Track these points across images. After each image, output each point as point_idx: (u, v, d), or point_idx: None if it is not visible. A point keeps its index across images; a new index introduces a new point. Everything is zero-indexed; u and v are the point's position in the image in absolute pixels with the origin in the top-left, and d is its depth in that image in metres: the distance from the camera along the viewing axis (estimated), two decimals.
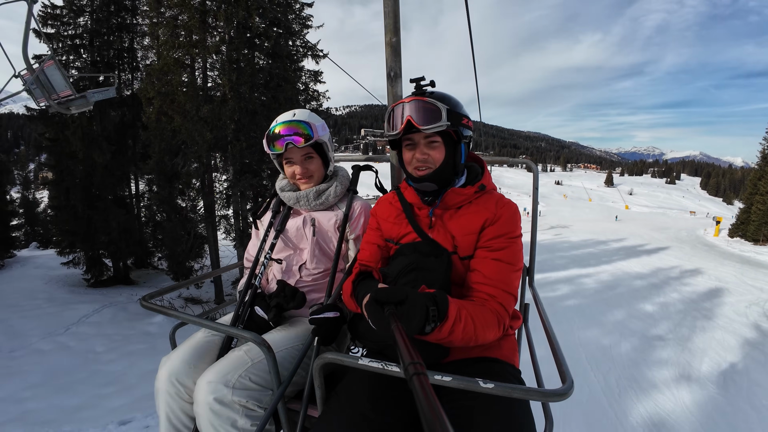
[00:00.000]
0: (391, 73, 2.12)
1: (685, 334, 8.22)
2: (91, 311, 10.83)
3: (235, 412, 1.16)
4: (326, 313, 1.26)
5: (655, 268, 16.34)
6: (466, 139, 1.29)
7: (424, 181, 1.28)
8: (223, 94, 8.69)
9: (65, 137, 12.90)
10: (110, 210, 13.05)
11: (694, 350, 7.39)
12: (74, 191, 13.15)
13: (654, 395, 5.62)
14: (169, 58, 9.53)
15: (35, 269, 16.42)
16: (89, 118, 12.86)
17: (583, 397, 5.37)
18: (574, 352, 6.84)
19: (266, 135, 1.55)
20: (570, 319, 8.74)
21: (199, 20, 8.57)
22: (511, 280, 1.18)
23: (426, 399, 0.48)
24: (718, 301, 11.28)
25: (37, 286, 13.79)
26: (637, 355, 6.93)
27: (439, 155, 1.25)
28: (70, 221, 13.22)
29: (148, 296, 1.42)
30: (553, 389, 0.81)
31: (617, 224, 40.11)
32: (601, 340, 7.59)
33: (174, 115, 9.53)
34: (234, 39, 8.74)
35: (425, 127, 1.20)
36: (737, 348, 7.69)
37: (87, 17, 13.92)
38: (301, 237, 1.64)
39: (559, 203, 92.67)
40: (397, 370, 0.88)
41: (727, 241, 28.86)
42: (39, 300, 12.09)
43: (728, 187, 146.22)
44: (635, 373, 6.23)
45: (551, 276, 13.65)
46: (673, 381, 6.09)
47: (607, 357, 6.80)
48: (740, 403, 5.65)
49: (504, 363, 1.22)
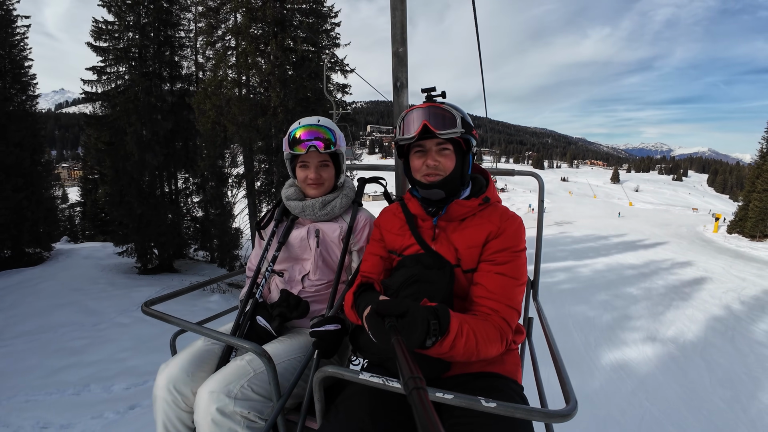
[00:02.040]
0: (398, 83, 2.12)
1: (660, 310, 9.84)
2: (153, 293, 12.58)
3: (237, 423, 1.17)
4: (327, 326, 1.26)
5: (649, 260, 17.70)
6: (474, 150, 1.31)
7: (433, 188, 1.29)
8: (273, 108, 10.37)
9: (121, 142, 14.65)
10: (161, 206, 14.82)
11: (664, 321, 9.01)
12: (128, 189, 14.90)
13: (623, 348, 7.30)
14: (223, 76, 11.26)
15: (84, 259, 18.13)
16: (142, 123, 14.60)
17: (567, 347, 7.02)
18: (564, 321, 8.50)
19: (288, 135, 1.56)
20: (563, 298, 10.41)
21: (254, 46, 10.26)
22: (515, 295, 1.18)
23: (425, 414, 0.47)
24: (698, 287, 12.72)
25: (94, 273, 15.52)
26: (615, 324, 8.60)
27: (449, 163, 1.27)
28: (125, 216, 14.97)
29: (150, 302, 1.42)
30: (556, 410, 0.81)
31: (620, 221, 41.39)
32: (587, 313, 9.28)
33: (227, 124, 11.24)
34: (283, 62, 10.43)
35: (441, 132, 1.22)
36: (703, 321, 9.27)
37: (136, 32, 15.57)
38: (305, 248, 1.65)
39: (564, 200, 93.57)
40: (397, 386, 0.88)
41: (725, 237, 29.99)
42: (102, 284, 13.83)
43: (735, 184, 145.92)
44: (611, 335, 7.91)
45: (551, 266, 15.23)
46: (640, 341, 7.75)
47: (590, 324, 8.48)
48: (693, 356, 7.27)
49: (507, 379, 1.22)
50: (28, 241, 15.15)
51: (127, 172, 14.66)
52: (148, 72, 15.21)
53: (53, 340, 9.37)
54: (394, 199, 1.64)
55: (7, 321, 10.21)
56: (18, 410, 6.26)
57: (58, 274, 14.67)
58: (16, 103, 14.79)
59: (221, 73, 11.37)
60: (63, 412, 6.19)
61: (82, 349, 8.76)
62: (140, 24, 15.43)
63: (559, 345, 1.17)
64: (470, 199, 1.31)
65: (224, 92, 11.27)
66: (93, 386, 7.01)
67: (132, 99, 14.49)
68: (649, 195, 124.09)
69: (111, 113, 14.62)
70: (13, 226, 14.15)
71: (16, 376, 7.38)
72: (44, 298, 12.06)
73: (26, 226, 14.71)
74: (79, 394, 6.85)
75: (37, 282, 13.38)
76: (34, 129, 15.35)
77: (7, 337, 9.29)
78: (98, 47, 15.19)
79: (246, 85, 11.17)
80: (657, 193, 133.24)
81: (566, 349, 6.90)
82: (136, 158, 14.44)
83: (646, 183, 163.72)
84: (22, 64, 15.18)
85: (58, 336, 9.65)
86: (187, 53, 16.56)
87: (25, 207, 14.51)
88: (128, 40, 15.33)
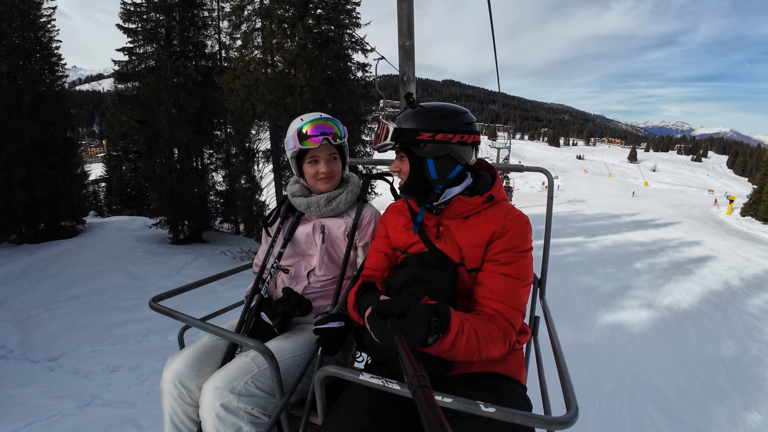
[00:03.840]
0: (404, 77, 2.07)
1: (660, 282, 10.53)
2: (190, 260, 13.66)
3: (240, 419, 1.21)
4: (331, 323, 1.27)
5: (658, 238, 18.11)
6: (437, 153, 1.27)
7: (401, 190, 1.39)
8: (300, 88, 11.02)
9: (152, 120, 15.46)
10: (192, 180, 15.75)
11: (662, 292, 9.72)
12: (161, 165, 15.80)
13: (619, 312, 8.09)
14: (251, 56, 11.90)
15: (118, 231, 19.24)
16: (172, 102, 15.36)
17: (568, 308, 7.81)
18: (568, 289, 9.27)
19: (297, 131, 1.56)
20: (569, 269, 11.16)
21: (281, 28, 10.85)
22: (519, 296, 1.18)
23: (431, 411, 0.48)
24: (702, 264, 13.27)
25: (130, 243, 16.58)
26: (615, 292, 9.36)
27: (405, 167, 1.32)
28: (158, 189, 15.93)
29: (157, 298, 1.44)
30: (557, 417, 0.82)
31: (634, 200, 41.42)
32: (591, 282, 10.04)
33: (256, 103, 11.94)
34: (307, 43, 11.02)
35: (377, 145, 1.35)
36: (699, 294, 9.93)
37: (162, 13, 16.07)
38: (311, 244, 1.67)
39: (578, 178, 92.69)
40: (397, 388, 0.89)
41: (737, 219, 29.96)
42: (140, 253, 14.92)
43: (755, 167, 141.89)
44: (610, 301, 8.69)
45: (560, 241, 15.88)
46: (637, 307, 8.52)
47: (592, 292, 9.25)
48: (684, 322, 8.01)
49: (509, 379, 1.21)
50: (63, 215, 15.99)
51: (159, 149, 15.55)
52: (175, 52, 15.83)
53: (105, 301, 10.11)
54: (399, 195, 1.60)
55: (58, 286, 10.88)
56: (85, 359, 6.91)
57: (96, 244, 15.57)
58: (47, 83, 15.52)
59: (248, 53, 12.00)
60: (129, 357, 6.94)
61: (134, 308, 9.63)
62: (166, 5, 15.95)
63: (561, 308, 1.46)
64: (474, 197, 1.31)
65: (252, 72, 11.92)
66: (152, 336, 7.93)
67: (162, 78, 15.20)
68: (666, 175, 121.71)
69: (142, 92, 15.36)
70: (50, 200, 14.99)
71: (78, 331, 8.03)
72: (89, 265, 12.78)
73: (62, 200, 15.55)
74: (140, 343, 7.65)
75: (78, 252, 14.23)
76: (64, 107, 16.03)
77: (61, 299, 9.96)
78: (127, 28, 15.80)
79: (273, 65, 11.80)
80: (674, 173, 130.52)
81: (568, 311, 7.70)
82: (167, 135, 15.28)
83: (664, 163, 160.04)
84: (49, 45, 15.77)
85: (109, 297, 10.46)
86: (211, 33, 17.11)
87: (60, 182, 15.33)
88: (155, 21, 15.87)
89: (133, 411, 5.21)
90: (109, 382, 6.25)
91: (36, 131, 14.36)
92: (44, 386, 6.01)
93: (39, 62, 15.43)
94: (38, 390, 5.89)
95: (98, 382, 6.21)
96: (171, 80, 15.28)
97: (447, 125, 1.26)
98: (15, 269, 12.22)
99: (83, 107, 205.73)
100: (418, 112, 1.29)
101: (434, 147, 1.27)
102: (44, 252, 13.76)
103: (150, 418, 4.97)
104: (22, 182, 13.88)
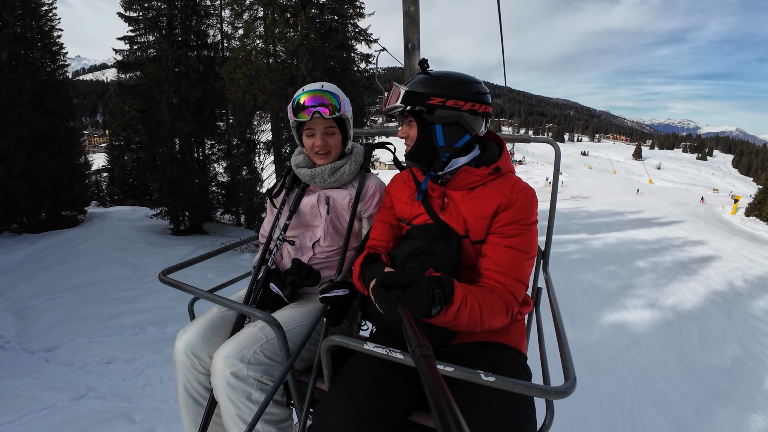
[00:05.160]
0: (409, 45, 2.00)
1: (664, 281, 10.39)
2: (189, 251, 13.61)
3: (250, 386, 1.25)
4: (336, 291, 1.30)
5: (661, 237, 17.89)
6: (446, 119, 1.25)
7: (406, 156, 1.37)
8: (302, 78, 10.85)
9: (153, 109, 15.33)
10: (192, 170, 15.66)
11: (666, 292, 9.59)
12: (162, 155, 15.71)
13: (622, 312, 7.98)
14: (253, 46, 11.72)
15: (119, 221, 19.21)
16: (173, 92, 15.22)
17: (570, 307, 7.72)
18: (570, 287, 9.17)
19: (292, 102, 1.54)
20: (572, 266, 11.04)
21: (283, 18, 10.67)
22: (523, 269, 1.19)
23: (433, 380, 0.49)
24: (706, 264, 13.08)
25: (131, 233, 16.56)
26: (618, 291, 9.24)
27: (413, 133, 1.30)
28: (159, 180, 15.85)
29: (166, 271, 1.47)
30: (555, 387, 0.84)
31: (638, 197, 41.14)
32: (593, 280, 9.93)
33: (257, 93, 11.79)
34: (310, 33, 10.83)
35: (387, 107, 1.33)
36: (703, 294, 9.79)
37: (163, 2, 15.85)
38: (315, 215, 1.67)
39: (582, 174, 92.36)
40: (400, 357, 0.91)
41: (742, 220, 29.67)
42: (140, 243, 14.89)
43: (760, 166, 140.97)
44: (613, 300, 8.58)
45: (563, 237, 15.74)
46: (640, 306, 8.41)
47: (594, 290, 9.14)
48: (687, 323, 7.90)
49: (510, 349, 1.24)
50: (64, 205, 15.99)
51: (160, 139, 15.44)
52: (177, 41, 15.65)
53: (104, 292, 10.08)
54: (404, 166, 1.59)
55: (57, 276, 10.87)
56: (81, 351, 6.91)
57: (96, 234, 15.56)
58: (48, 73, 15.40)
59: (250, 43, 11.82)
60: (125, 349, 6.92)
61: (133, 299, 9.60)
62: None
63: (563, 306, 1.32)
64: (480, 168, 1.29)
65: (254, 62, 11.76)
66: (149, 328, 7.89)
67: (163, 68, 15.05)
68: (671, 173, 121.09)
69: (144, 82, 15.21)
70: (51, 190, 14.95)
71: (75, 322, 8.03)
72: (88, 255, 12.78)
73: (63, 190, 15.52)
74: (137, 335, 7.62)
75: (78, 242, 14.21)
76: (66, 97, 15.95)
77: (60, 289, 9.94)
78: (128, 17, 15.61)
79: (275, 54, 11.63)
80: (679, 171, 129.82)
81: (570, 309, 7.61)
82: (168, 125, 15.16)
83: (669, 161, 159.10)
84: (50, 34, 15.63)
85: (107, 288, 10.43)
86: (213, 22, 16.90)
87: (62, 172, 15.30)
88: (156, 10, 15.68)
89: (127, 404, 5.16)
90: (104, 374, 6.22)
91: (37, 120, 14.27)
92: (39, 377, 6.00)
93: (40, 51, 15.31)
94: (33, 381, 5.87)
95: (93, 374, 6.20)
96: (172, 70, 15.12)
97: (459, 92, 1.25)
98: (15, 259, 12.20)
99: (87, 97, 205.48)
100: (430, 78, 1.27)
101: (444, 113, 1.25)
102: (45, 242, 13.73)
103: (144, 411, 4.92)
104: (23, 172, 13.83)
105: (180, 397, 1.43)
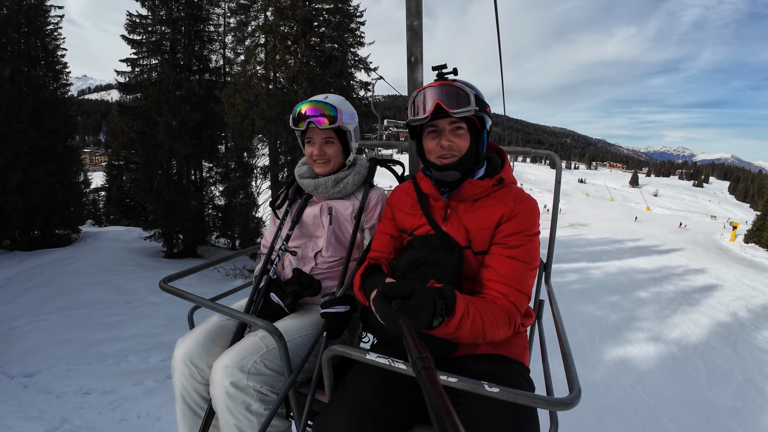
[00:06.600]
0: (412, 58, 2.03)
1: (667, 313, 10.12)
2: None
3: (250, 396, 1.22)
4: (337, 307, 1.29)
5: (662, 265, 17.75)
6: (488, 128, 1.28)
7: (448, 169, 1.26)
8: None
9: (152, 131, 15.36)
10: (188, 193, 15.54)
11: (669, 324, 9.31)
12: (158, 177, 15.63)
13: (626, 346, 7.68)
14: (253, 71, 11.82)
15: (113, 242, 18.96)
16: (172, 114, 15.28)
17: (572, 342, 7.39)
18: (571, 320, 8.87)
19: (294, 110, 1.56)
20: (572, 297, 10.76)
21: (283, 45, 10.80)
22: (526, 279, 1.17)
23: (435, 392, 0.48)
24: (708, 294, 12.89)
25: (123, 255, 16.29)
26: (621, 324, 8.95)
27: (464, 143, 1.24)
28: (154, 202, 15.71)
29: (167, 279, 1.46)
30: (559, 398, 0.82)
31: (636, 225, 41.14)
32: (595, 312, 9.64)
33: (256, 118, 11.80)
34: (310, 60, 10.93)
35: (455, 110, 1.19)
36: (707, 326, 9.53)
37: (167, 26, 16.15)
38: (318, 225, 1.67)
39: (580, 201, 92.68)
40: (402, 367, 0.90)
41: (741, 247, 29.56)
42: (131, 266, 14.59)
43: (756, 192, 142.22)
44: (615, 334, 8.28)
45: (563, 266, 15.52)
46: (644, 340, 8.11)
47: (596, 323, 8.85)
48: (693, 357, 7.60)
49: (513, 361, 1.21)
50: (58, 223, 15.81)
51: (157, 161, 15.39)
52: (179, 65, 15.85)
53: (89, 316, 9.80)
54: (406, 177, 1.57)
55: (43, 297, 10.54)
56: (60, 378, 6.63)
57: (88, 255, 15.32)
58: (50, 91, 15.51)
59: (251, 68, 11.92)
60: (105, 380, 6.62)
61: (118, 325, 9.29)
62: (172, 18, 16.04)
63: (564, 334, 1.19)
64: (484, 180, 1.27)
65: (253, 87, 11.82)
66: (131, 357, 7.57)
67: (164, 91, 15.16)
68: (668, 200, 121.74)
69: (144, 104, 15.29)
70: (45, 208, 14.75)
71: (56, 347, 7.73)
72: (77, 276, 12.54)
73: (57, 208, 15.32)
74: (118, 364, 7.33)
75: (69, 262, 13.97)
76: (66, 115, 15.96)
77: (45, 312, 9.63)
78: (132, 40, 15.85)
79: (274, 80, 11.71)
80: (676, 198, 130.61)
81: (571, 344, 7.26)
82: (166, 147, 15.14)
83: (665, 188, 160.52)
84: (54, 52, 15.82)
85: (93, 312, 10.13)
86: (216, 47, 17.18)
87: (57, 190, 15.14)
88: (160, 34, 15.95)
89: None
90: (81, 405, 5.96)
91: (35, 138, 14.22)
92: (16, 404, 5.77)
93: (43, 69, 15.43)
94: (9, 408, 5.63)
95: (70, 405, 5.94)
96: (173, 93, 15.23)
97: (485, 99, 1.25)
98: (3, 277, 11.89)
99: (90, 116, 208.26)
100: (467, 84, 1.24)
101: (488, 121, 1.28)
102: (35, 260, 13.48)
103: None
104: (18, 188, 13.67)
105: (177, 407, 1.41)
